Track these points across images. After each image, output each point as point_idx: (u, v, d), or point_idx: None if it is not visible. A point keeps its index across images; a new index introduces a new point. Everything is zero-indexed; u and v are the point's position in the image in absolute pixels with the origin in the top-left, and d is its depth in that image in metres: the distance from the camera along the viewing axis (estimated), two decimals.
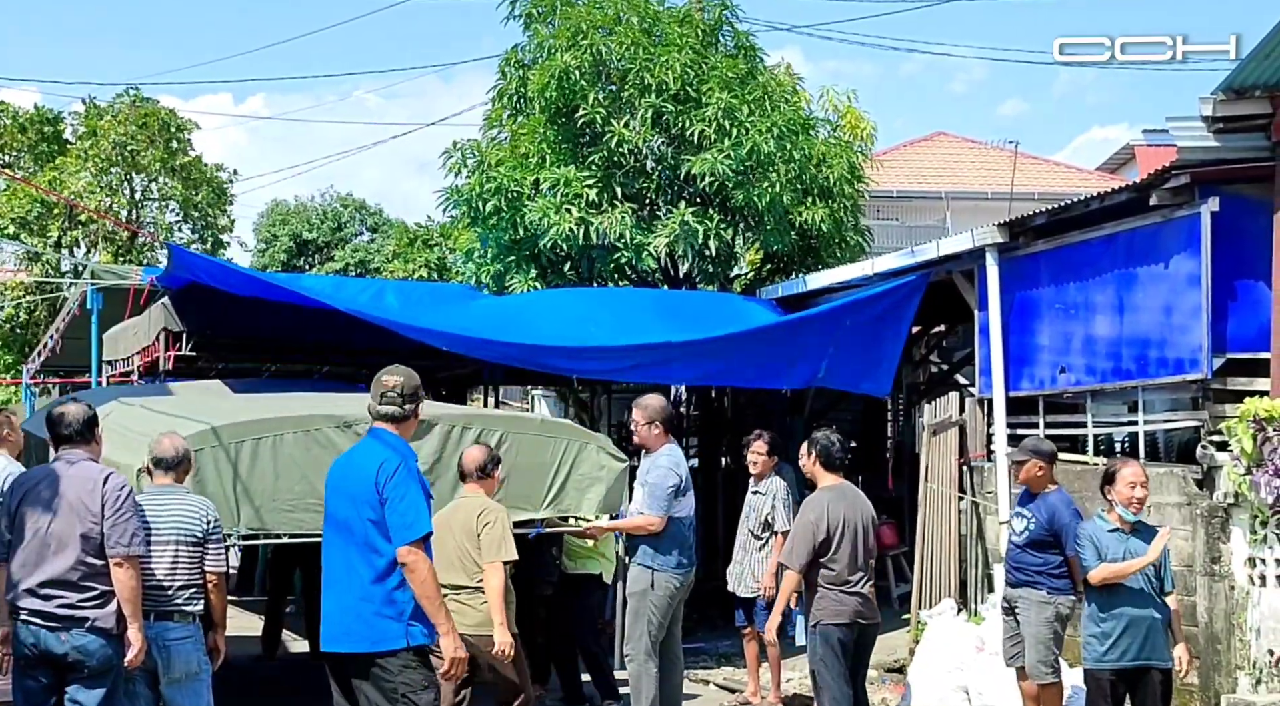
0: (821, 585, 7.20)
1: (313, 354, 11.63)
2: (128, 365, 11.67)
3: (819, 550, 7.16)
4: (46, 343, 15.71)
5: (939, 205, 25.16)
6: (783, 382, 11.64)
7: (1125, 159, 29.29)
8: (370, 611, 5.20)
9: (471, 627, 6.73)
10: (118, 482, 5.96)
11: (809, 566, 7.20)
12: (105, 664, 5.85)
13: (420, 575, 5.15)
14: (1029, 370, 10.08)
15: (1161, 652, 6.71)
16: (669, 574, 7.96)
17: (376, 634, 5.20)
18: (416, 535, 5.17)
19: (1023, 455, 7.93)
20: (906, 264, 10.90)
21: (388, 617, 5.19)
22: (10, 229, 21.45)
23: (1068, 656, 8.11)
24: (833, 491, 7.35)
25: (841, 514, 7.23)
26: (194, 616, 6.34)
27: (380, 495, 5.20)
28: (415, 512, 5.21)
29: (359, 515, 5.26)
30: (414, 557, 5.15)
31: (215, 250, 24.63)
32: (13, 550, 5.91)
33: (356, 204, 45.76)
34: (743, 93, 12.63)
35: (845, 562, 7.19)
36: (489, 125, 14.16)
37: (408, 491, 5.22)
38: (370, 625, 5.20)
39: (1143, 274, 9.10)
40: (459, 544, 7.11)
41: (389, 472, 5.22)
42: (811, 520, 7.21)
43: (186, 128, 22.93)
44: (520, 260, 12.93)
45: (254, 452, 7.51)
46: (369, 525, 5.23)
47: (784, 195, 12.50)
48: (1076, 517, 7.73)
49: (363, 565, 5.24)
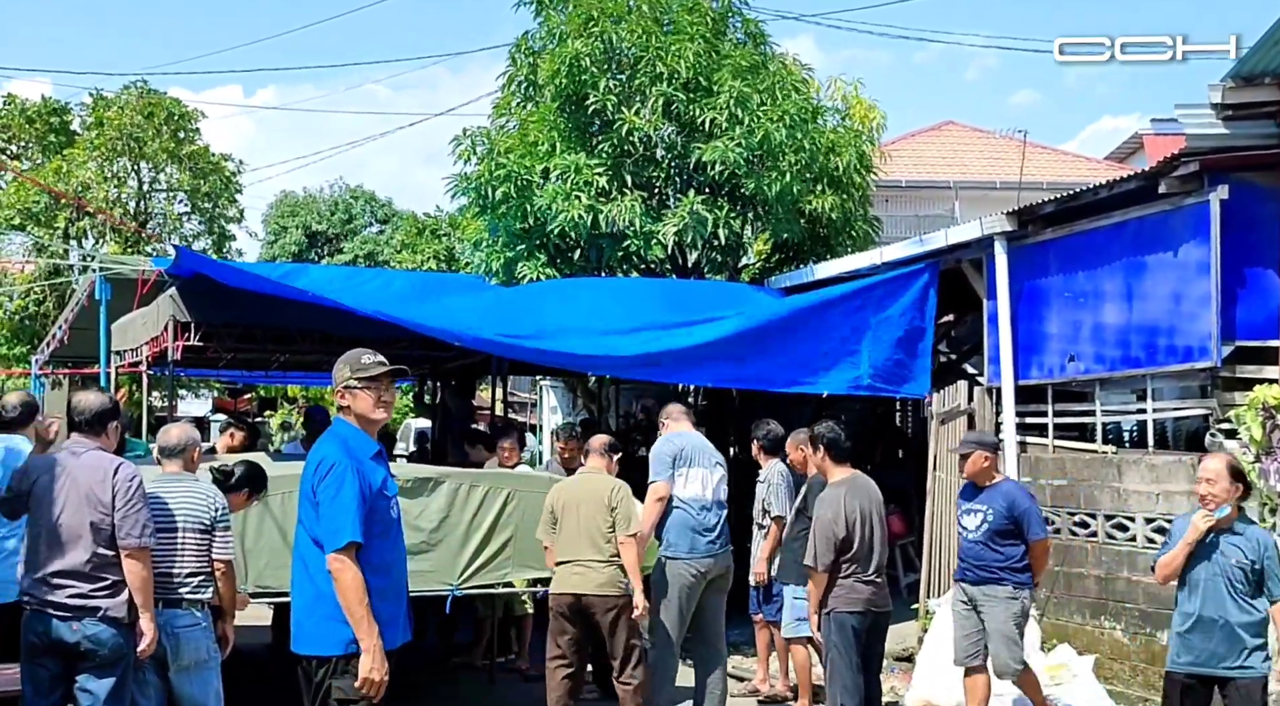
0: (837, 575, 7.20)
1: (320, 344, 11.64)
2: (136, 355, 11.68)
3: (841, 547, 7.15)
4: (55, 333, 15.73)
5: (947, 194, 25.08)
6: (823, 387, 11.47)
7: (1134, 148, 29.18)
8: (322, 613, 5.04)
9: (594, 588, 7.55)
10: (128, 473, 5.96)
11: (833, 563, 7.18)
12: (116, 653, 5.86)
13: (344, 584, 4.92)
14: (1038, 358, 10.07)
15: (1241, 660, 6.17)
16: (680, 562, 7.98)
17: (323, 636, 5.05)
18: (340, 543, 4.94)
19: (967, 447, 7.89)
20: (915, 253, 10.88)
21: (336, 621, 4.99)
22: (17, 220, 21.48)
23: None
24: (845, 485, 7.32)
25: (857, 506, 7.22)
26: (203, 603, 6.34)
27: (314, 494, 5.04)
28: (343, 518, 4.96)
29: (308, 514, 5.11)
30: (339, 565, 4.93)
31: (223, 240, 24.66)
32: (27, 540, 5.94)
33: (366, 195, 45.88)
34: (754, 81, 12.60)
35: (862, 553, 7.20)
36: (499, 113, 14.14)
37: (338, 494, 4.98)
38: (319, 626, 5.06)
39: (1152, 262, 9.08)
40: (589, 515, 7.62)
41: (321, 474, 5.04)
42: (829, 519, 7.18)
43: (193, 117, 22.94)
44: (529, 248, 12.91)
45: (261, 512, 7.54)
46: (315, 525, 5.07)
47: (794, 184, 12.47)
48: (1034, 502, 7.79)
49: (316, 565, 5.06)
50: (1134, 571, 9.01)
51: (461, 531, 7.90)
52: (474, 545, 8.04)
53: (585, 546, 7.60)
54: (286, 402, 32.20)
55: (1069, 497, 9.62)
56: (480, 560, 8.04)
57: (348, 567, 4.92)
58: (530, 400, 32.73)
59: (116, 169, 22.18)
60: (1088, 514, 9.45)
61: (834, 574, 7.20)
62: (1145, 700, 8.76)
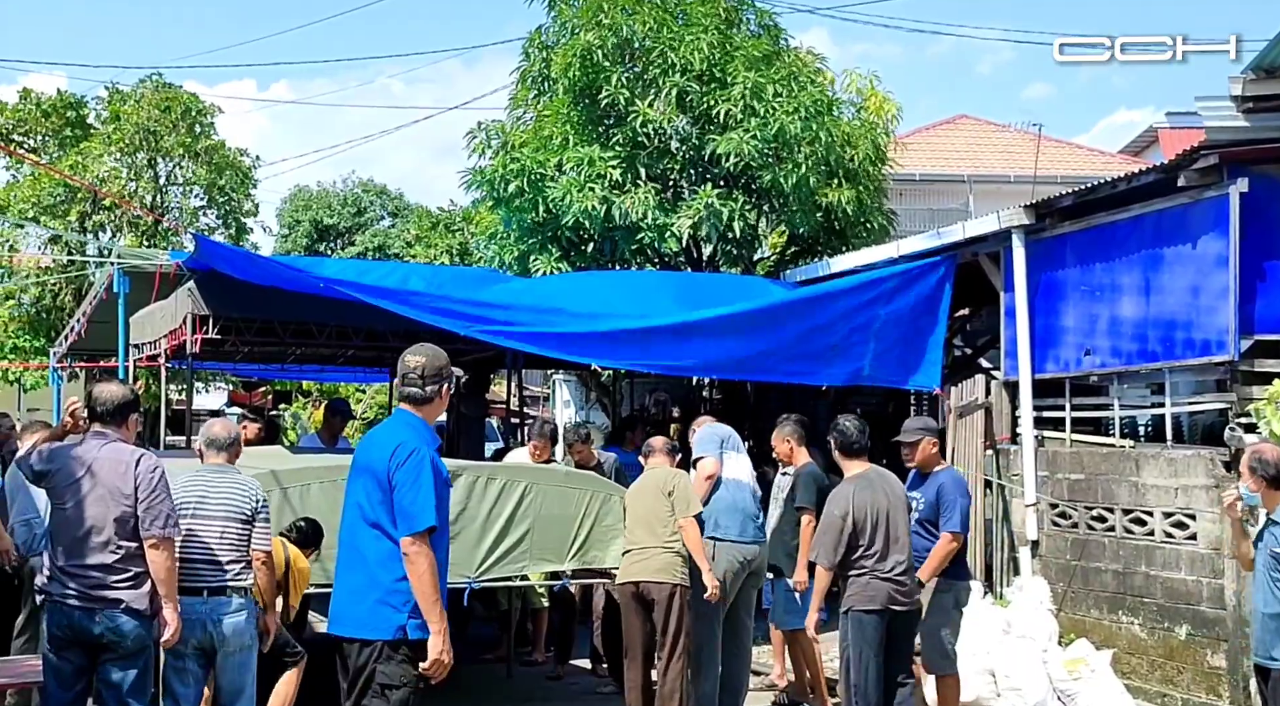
0: (852, 572, 7.01)
1: (337, 337, 11.67)
2: (154, 348, 11.71)
3: (850, 543, 6.96)
4: (73, 326, 15.77)
5: (961, 188, 25.02)
6: (824, 379, 11.50)
7: (1149, 142, 29.08)
8: (374, 597, 5.08)
9: (650, 574, 7.68)
10: (150, 464, 5.97)
11: (843, 558, 7.00)
12: (139, 644, 5.88)
13: (418, 568, 4.97)
14: (1055, 352, 10.05)
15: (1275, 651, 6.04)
16: (729, 544, 8.00)
17: (375, 620, 5.08)
18: (420, 526, 4.99)
19: (914, 435, 7.77)
20: (932, 246, 10.87)
21: (389, 606, 5.05)
22: (32, 213, 21.53)
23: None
24: (858, 480, 7.13)
25: (869, 501, 7.00)
26: (246, 590, 6.44)
27: (390, 480, 5.05)
28: (423, 502, 5.01)
29: (369, 498, 5.14)
30: (415, 549, 4.97)
31: (239, 235, 24.69)
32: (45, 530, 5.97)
33: (377, 189, 45.93)
34: (769, 72, 12.58)
35: (878, 549, 6.97)
36: (513, 106, 14.15)
37: (417, 478, 5.04)
38: (371, 611, 5.09)
39: (1169, 255, 9.05)
40: (649, 505, 7.78)
41: (401, 458, 5.05)
42: (837, 515, 7.01)
43: (209, 112, 22.98)
44: (543, 241, 12.93)
45: (280, 504, 7.56)
46: (379, 509, 5.10)
47: (810, 177, 12.45)
48: (965, 496, 7.63)
49: (371, 549, 5.12)
50: (1152, 566, 9.00)
51: (479, 523, 7.88)
52: (491, 538, 8.01)
53: (643, 534, 7.76)
54: (301, 396, 32.24)
55: (1086, 492, 9.61)
56: (498, 553, 8.02)
57: (424, 551, 4.98)
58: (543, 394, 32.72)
59: (133, 163, 22.21)
60: (1105, 508, 9.43)
61: (848, 570, 7.01)
62: (1164, 695, 8.76)
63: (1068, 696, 8.47)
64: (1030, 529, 9.97)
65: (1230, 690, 8.33)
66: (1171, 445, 9.13)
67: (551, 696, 9.35)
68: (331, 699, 5.40)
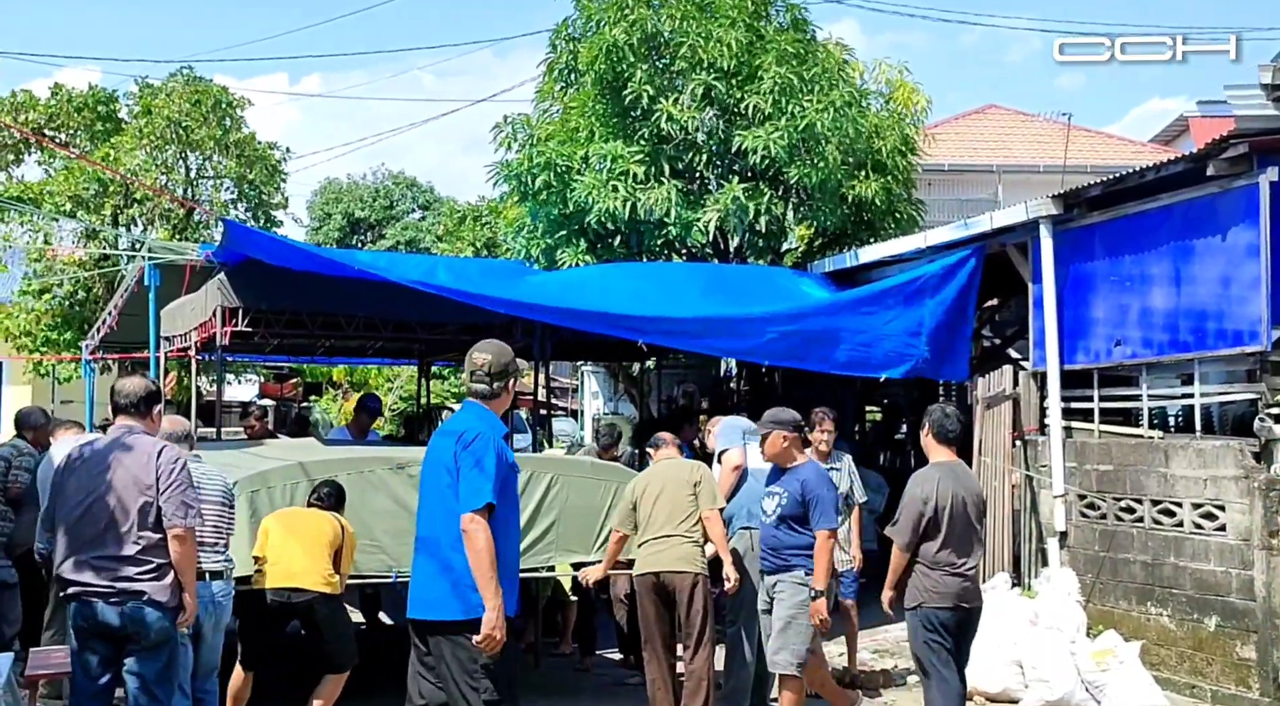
0: (924, 564, 6.74)
1: (365, 329, 11.74)
2: (185, 341, 11.80)
3: (927, 529, 6.72)
4: (105, 319, 15.88)
5: (990, 178, 24.92)
6: (848, 369, 11.46)
7: (1179, 131, 28.86)
8: (453, 579, 5.20)
9: (669, 564, 7.61)
10: (172, 455, 6.00)
11: (916, 544, 6.76)
12: (162, 636, 5.89)
13: (476, 544, 5.10)
14: (1084, 343, 10.01)
15: None
16: (752, 533, 7.97)
17: (458, 603, 5.19)
18: (479, 503, 5.13)
19: (765, 427, 7.62)
20: (960, 236, 10.83)
21: (469, 587, 5.15)
22: (67, 206, 21.68)
23: None
24: (943, 468, 6.91)
25: (951, 491, 6.76)
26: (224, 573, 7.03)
27: (456, 462, 5.23)
28: (482, 481, 5.16)
29: (441, 483, 5.30)
30: (474, 525, 5.11)
31: (269, 228, 24.80)
32: (63, 523, 5.97)
33: (407, 181, 46.06)
34: (798, 67, 12.54)
35: (953, 543, 6.73)
36: (540, 98, 14.18)
37: (481, 459, 5.20)
38: (454, 594, 5.20)
39: (1199, 245, 9.00)
40: (671, 496, 7.70)
41: (467, 441, 5.23)
42: (919, 496, 6.76)
43: (239, 105, 23.07)
44: (569, 234, 12.95)
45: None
46: (448, 493, 5.25)
47: (837, 171, 12.42)
48: (831, 489, 7.52)
49: (445, 533, 5.25)
50: (1181, 557, 8.96)
51: None
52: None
53: (663, 524, 7.68)
54: (331, 387, 32.40)
55: (1115, 483, 9.57)
56: (525, 544, 8.07)
57: (482, 528, 5.12)
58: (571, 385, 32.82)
59: (165, 157, 22.33)
60: (1134, 499, 9.39)
61: (920, 562, 6.75)
62: (1193, 686, 8.72)
63: (1096, 687, 8.45)
64: (1058, 520, 9.94)
65: (1260, 681, 8.29)
66: (1201, 436, 9.09)
67: (580, 688, 9.37)
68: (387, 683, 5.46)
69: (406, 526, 7.79)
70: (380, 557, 7.84)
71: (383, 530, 7.84)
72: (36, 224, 22.20)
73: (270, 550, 7.34)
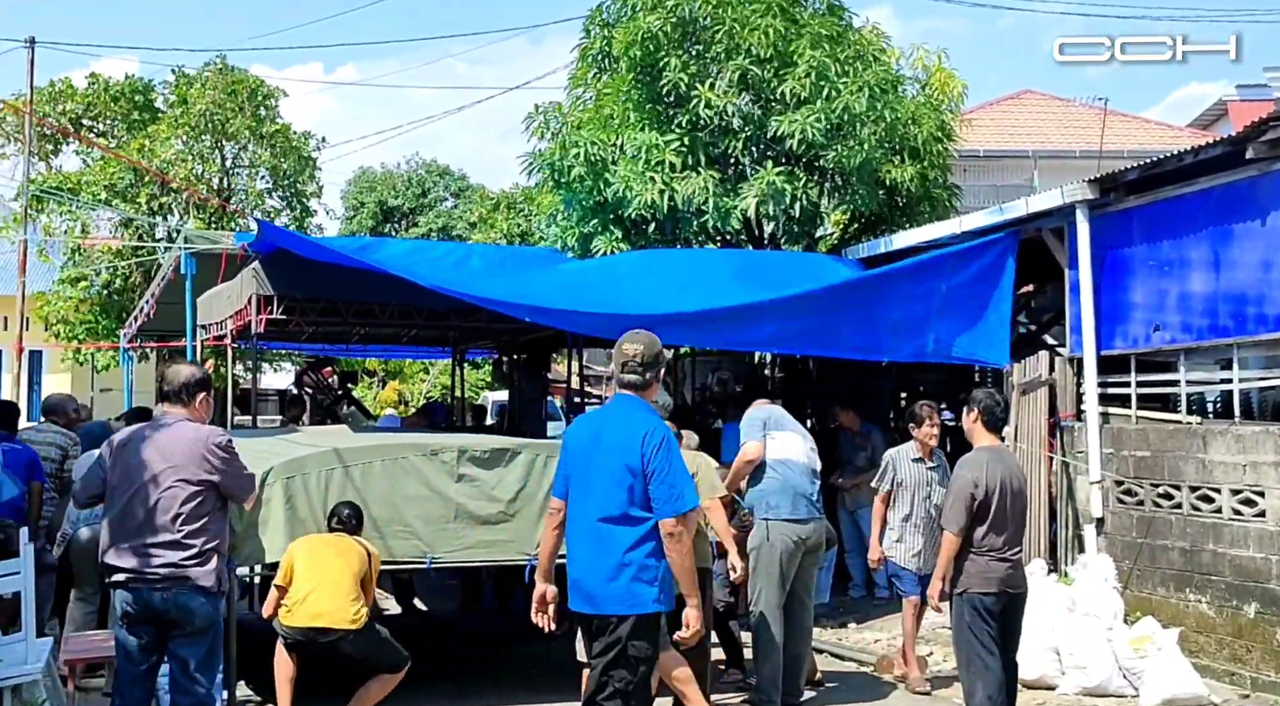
0: (971, 550, 6.73)
1: (399, 317, 11.78)
2: (221, 329, 11.88)
3: (977, 513, 6.71)
4: (142, 307, 15.99)
5: (1026, 164, 24.77)
6: (888, 355, 11.46)
7: (1218, 115, 28.61)
8: (628, 575, 5.34)
9: None
10: (222, 440, 6.09)
11: (969, 529, 6.74)
12: (206, 622, 5.94)
13: (685, 547, 5.30)
14: (1121, 328, 9.93)
15: None
16: (782, 524, 7.95)
17: (631, 597, 5.35)
18: (685, 508, 5.31)
19: None
20: (995, 221, 10.76)
21: (644, 582, 5.34)
22: (104, 196, 21.85)
23: None
24: (991, 452, 6.91)
25: (999, 476, 6.76)
26: None
27: (645, 465, 5.33)
28: (683, 485, 5.35)
29: (616, 480, 5.38)
30: (679, 529, 5.29)
31: (303, 217, 24.93)
32: (109, 510, 6.03)
33: (440, 170, 46.08)
34: (834, 51, 12.48)
35: (999, 528, 6.74)
36: (574, 85, 14.15)
37: (673, 463, 5.36)
38: (626, 588, 5.34)
39: (1239, 229, 8.91)
40: None
41: (655, 444, 5.35)
42: (970, 479, 6.75)
43: (274, 95, 23.18)
44: (604, 223, 12.93)
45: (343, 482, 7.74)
46: (628, 491, 5.36)
47: (873, 155, 12.36)
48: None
49: (622, 530, 5.37)
50: (1220, 543, 8.88)
51: (539, 502, 7.89)
52: None
53: None
54: (366, 376, 32.53)
55: (1152, 469, 9.49)
56: None
57: (688, 531, 5.35)
58: (605, 373, 32.76)
59: (200, 147, 22.47)
60: (1171, 485, 9.32)
61: (968, 548, 6.75)
62: (1232, 673, 8.65)
63: (1134, 674, 8.40)
64: (1095, 506, 9.87)
65: None
66: (1240, 421, 9.00)
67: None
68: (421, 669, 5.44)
69: (440, 512, 7.88)
70: (414, 543, 7.85)
71: (415, 516, 7.85)
72: (74, 213, 22.38)
73: (295, 583, 7.24)
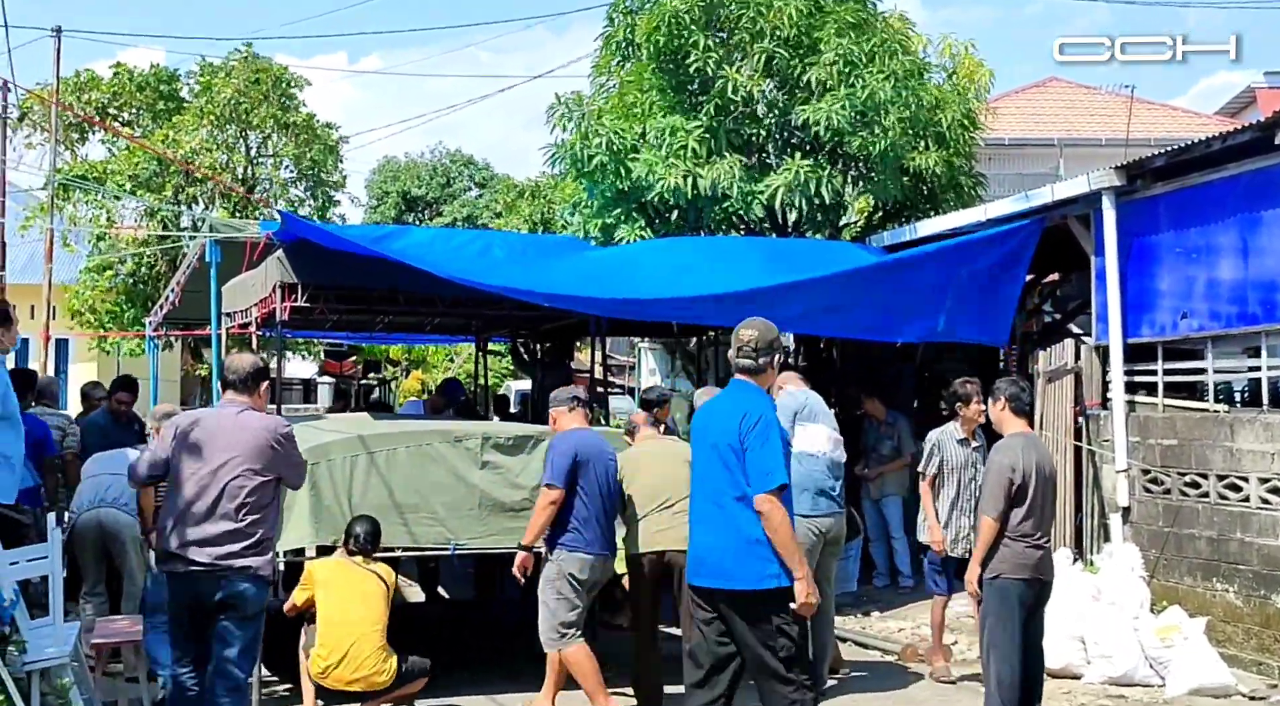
0: (1007, 535, 6.71)
1: (423, 304, 11.77)
2: (246, 317, 11.88)
3: (1015, 497, 6.69)
4: (167, 296, 16.04)
5: (1052, 152, 24.59)
6: (898, 336, 11.46)
7: (1246, 102, 28.36)
8: (750, 553, 5.53)
9: (679, 543, 7.02)
10: (286, 430, 6.21)
11: (1006, 513, 6.71)
12: (258, 607, 6.06)
13: (775, 522, 5.47)
14: (1148, 316, 9.86)
15: None
16: (801, 519, 7.89)
17: (756, 573, 5.53)
18: (774, 484, 5.49)
19: (552, 406, 7.83)
20: (1020, 209, 10.71)
21: (765, 559, 5.51)
22: (129, 186, 21.95)
23: None
24: (1025, 438, 6.91)
25: (1034, 461, 6.76)
26: None
27: (742, 443, 5.56)
28: (773, 462, 5.52)
29: (725, 460, 5.63)
30: (769, 505, 5.47)
31: (326, 207, 25.02)
32: (171, 498, 6.08)
33: (464, 159, 46.18)
34: (860, 38, 12.43)
35: (1034, 514, 6.72)
36: (597, 73, 14.11)
37: (767, 440, 5.54)
38: (749, 565, 5.54)
39: (1268, 216, 8.84)
40: (670, 474, 7.51)
41: (751, 422, 5.58)
42: (1006, 464, 6.74)
43: (298, 84, 23.24)
44: (627, 211, 12.91)
45: (368, 468, 7.76)
46: (735, 472, 5.59)
47: (899, 142, 12.30)
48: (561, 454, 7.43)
49: (737, 508, 5.58)
50: (1247, 532, 8.83)
51: None
52: None
53: (666, 501, 7.54)
54: (390, 364, 32.62)
55: (1180, 458, 9.44)
56: None
57: (778, 507, 5.51)
58: (629, 362, 32.78)
59: (225, 136, 22.56)
60: (1199, 474, 9.26)
61: (1002, 534, 6.72)
62: (1260, 663, 8.60)
63: (1160, 664, 8.36)
64: (1121, 495, 9.82)
65: None
66: (1268, 409, 8.93)
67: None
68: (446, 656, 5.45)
69: (464, 499, 7.89)
70: (439, 529, 7.87)
71: (440, 503, 7.87)
72: (100, 202, 22.48)
73: (322, 640, 7.08)
